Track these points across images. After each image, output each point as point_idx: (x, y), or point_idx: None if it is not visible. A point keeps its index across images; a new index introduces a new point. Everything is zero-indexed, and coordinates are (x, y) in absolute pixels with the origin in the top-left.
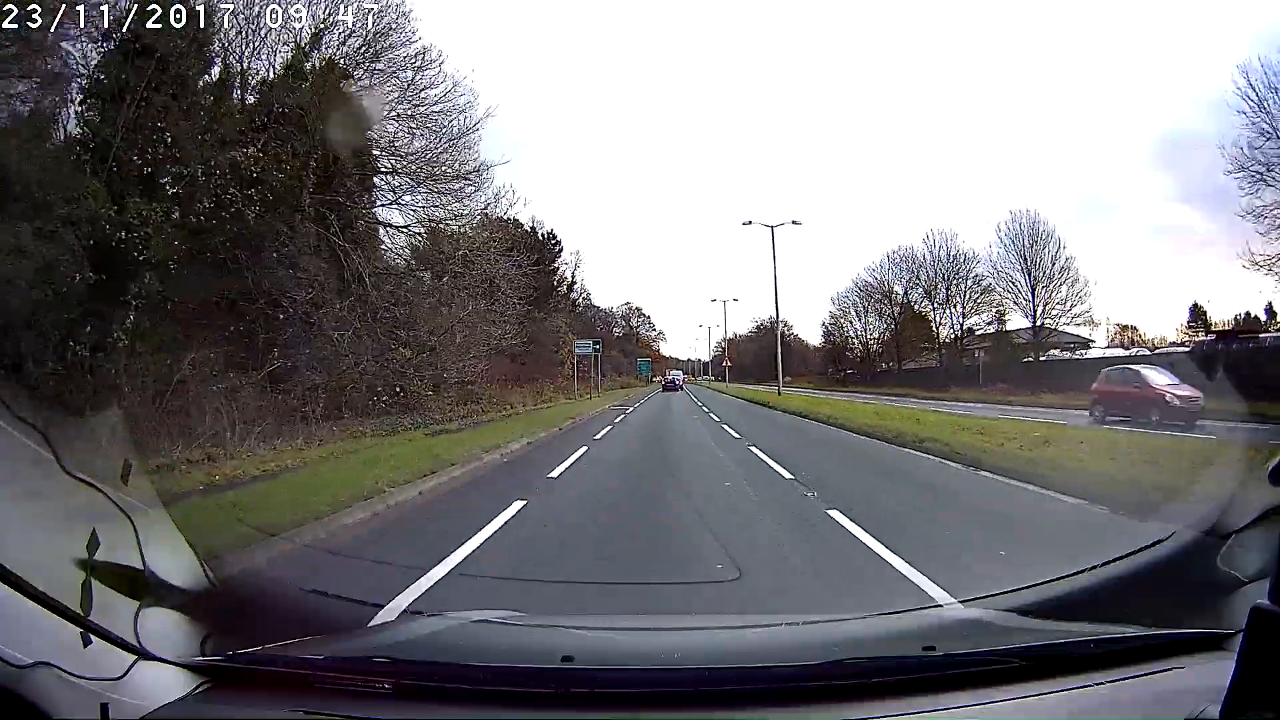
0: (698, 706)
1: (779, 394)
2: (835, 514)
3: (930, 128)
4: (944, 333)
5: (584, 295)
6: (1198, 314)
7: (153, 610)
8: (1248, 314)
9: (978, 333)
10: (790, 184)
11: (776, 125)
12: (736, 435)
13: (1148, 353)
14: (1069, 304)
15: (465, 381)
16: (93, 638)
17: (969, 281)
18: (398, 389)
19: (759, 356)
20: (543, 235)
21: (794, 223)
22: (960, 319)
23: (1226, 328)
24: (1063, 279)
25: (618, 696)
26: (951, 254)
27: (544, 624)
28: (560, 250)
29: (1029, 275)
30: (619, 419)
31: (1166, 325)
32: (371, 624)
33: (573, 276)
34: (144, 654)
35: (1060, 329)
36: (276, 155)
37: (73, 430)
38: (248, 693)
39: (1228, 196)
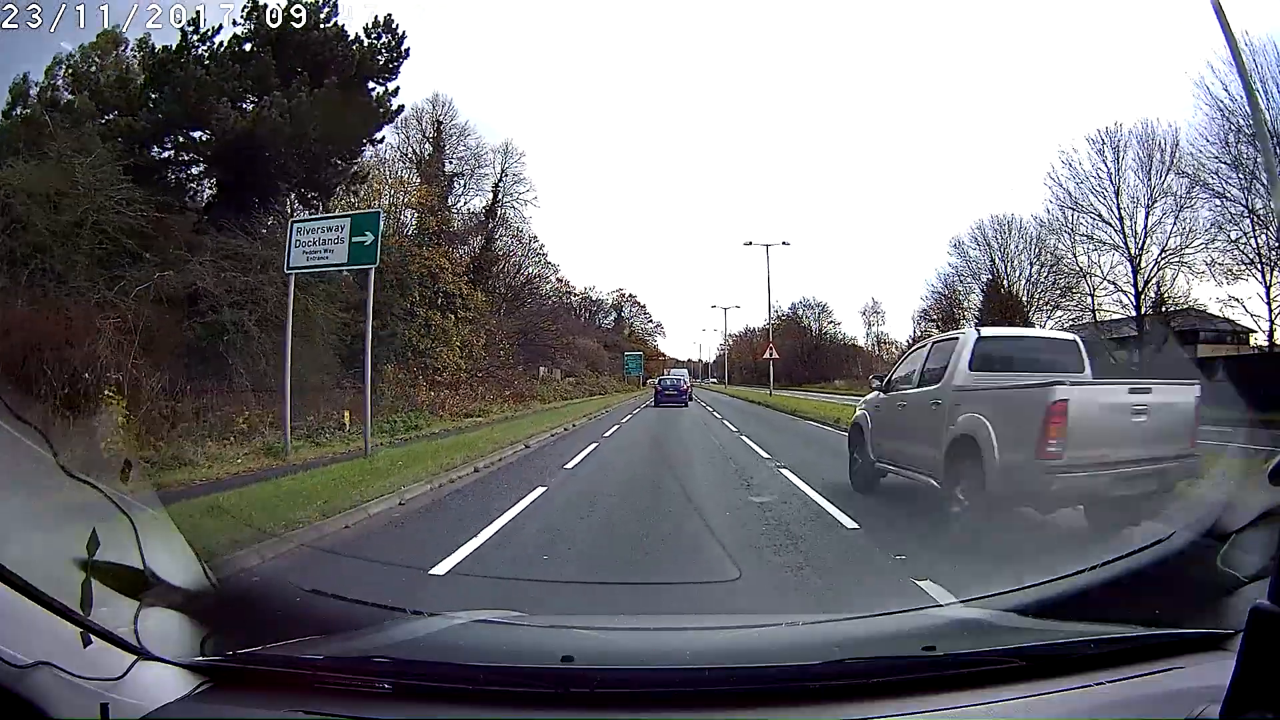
0: (698, 706)
1: None
2: None
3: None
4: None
5: (533, 243)
6: None
7: (153, 610)
8: None
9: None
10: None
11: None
12: None
13: None
14: None
15: None
16: (92, 638)
17: None
18: None
19: (793, 353)
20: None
21: None
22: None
23: None
24: None
25: (618, 696)
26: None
27: (544, 624)
28: (397, 64)
29: None
30: None
31: None
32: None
33: (497, 191)
34: (144, 654)
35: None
36: None
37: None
38: (248, 693)
39: None
